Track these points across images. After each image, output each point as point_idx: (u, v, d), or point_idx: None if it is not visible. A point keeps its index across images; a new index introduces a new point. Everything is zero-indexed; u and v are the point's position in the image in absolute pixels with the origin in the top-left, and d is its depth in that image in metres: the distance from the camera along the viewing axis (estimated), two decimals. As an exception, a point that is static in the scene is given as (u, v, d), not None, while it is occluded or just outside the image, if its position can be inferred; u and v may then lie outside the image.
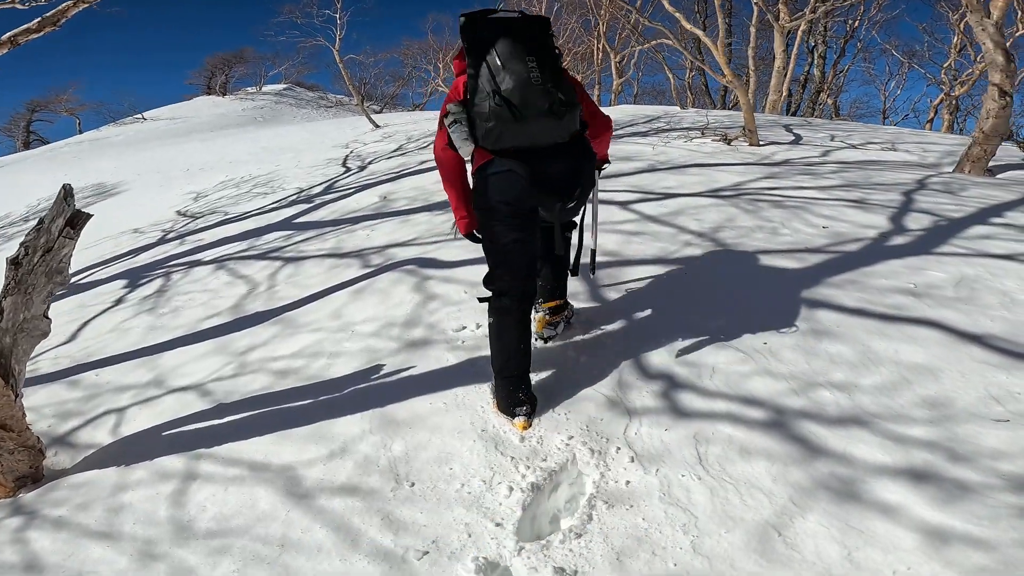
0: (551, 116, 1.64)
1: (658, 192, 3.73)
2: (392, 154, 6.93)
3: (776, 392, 1.82)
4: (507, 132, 1.64)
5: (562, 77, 1.70)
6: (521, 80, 1.60)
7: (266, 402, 2.19)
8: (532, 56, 1.64)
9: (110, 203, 8.98)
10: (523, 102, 1.61)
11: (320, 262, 3.45)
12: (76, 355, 3.02)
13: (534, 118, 1.63)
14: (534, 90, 1.61)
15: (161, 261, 4.45)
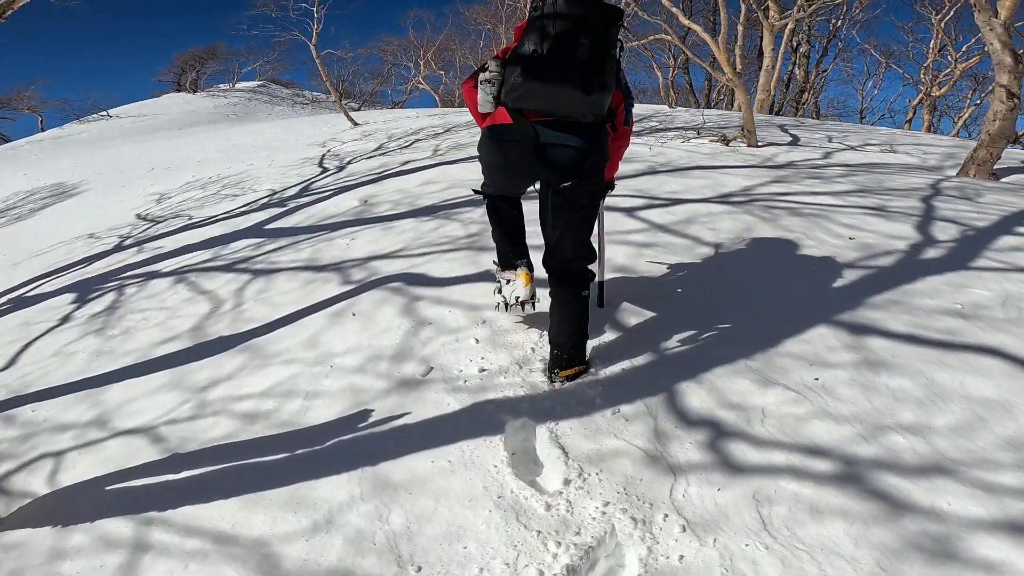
0: (580, 89, 1.58)
1: (663, 197, 3.45)
2: (372, 154, 6.53)
3: (842, 438, 1.56)
4: (532, 92, 1.62)
5: (610, 61, 1.63)
6: (565, 50, 1.57)
7: (231, 454, 1.84)
8: (589, 35, 1.58)
9: (68, 205, 8.39)
10: (558, 66, 1.58)
11: (294, 276, 3.09)
12: (13, 384, 2.64)
13: (563, 84, 1.59)
14: (575, 61, 1.57)
15: (115, 271, 4.01)
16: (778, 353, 1.92)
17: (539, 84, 1.60)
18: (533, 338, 2.15)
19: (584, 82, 1.58)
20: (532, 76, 1.60)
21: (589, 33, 1.59)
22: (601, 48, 1.61)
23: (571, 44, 1.57)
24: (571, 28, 1.58)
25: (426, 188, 4.20)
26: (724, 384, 1.80)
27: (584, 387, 1.87)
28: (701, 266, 2.56)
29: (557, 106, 1.65)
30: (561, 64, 1.58)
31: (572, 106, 1.63)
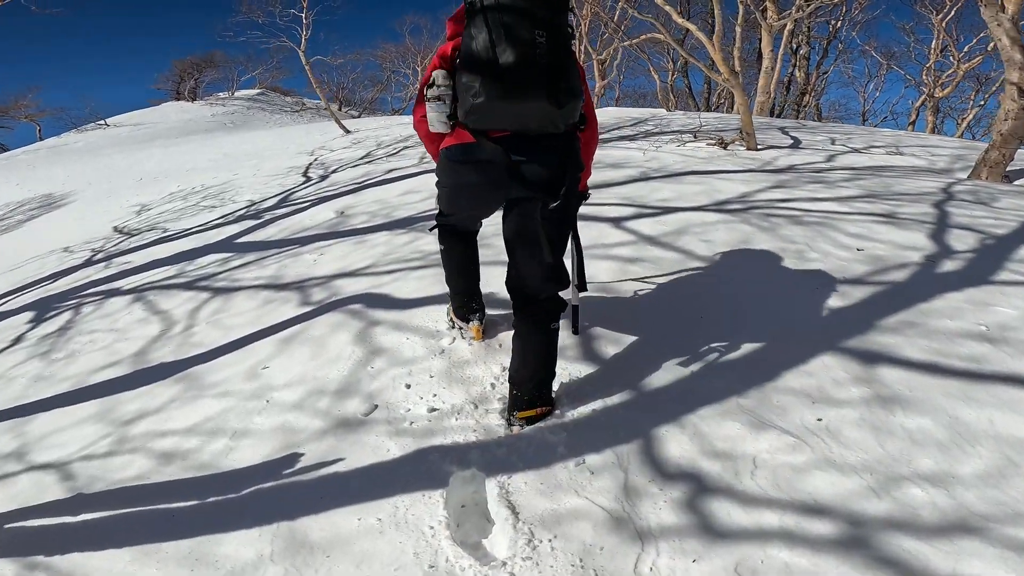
0: (550, 100, 1.38)
1: (654, 205, 3.20)
2: (358, 162, 6.32)
3: (848, 493, 1.31)
4: (496, 111, 1.41)
5: (572, 59, 1.44)
6: (524, 54, 1.35)
7: (137, 497, 1.63)
8: (542, 30, 1.37)
9: (53, 216, 8.24)
10: (522, 79, 1.36)
11: (254, 295, 2.85)
12: None
13: (531, 100, 1.38)
14: (537, 68, 1.36)
15: (78, 288, 3.80)
16: (776, 389, 1.67)
17: (502, 102, 1.39)
18: (495, 371, 1.90)
19: (552, 92, 1.38)
20: (493, 94, 1.38)
21: (543, 27, 1.37)
22: (561, 44, 1.40)
23: (527, 45, 1.35)
24: (521, 23, 1.36)
25: (405, 199, 3.98)
26: (710, 428, 1.55)
27: (546, 432, 1.61)
28: (691, 284, 2.31)
29: (525, 123, 1.44)
30: (522, 74, 1.36)
31: (542, 120, 1.43)
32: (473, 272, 1.97)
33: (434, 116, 1.50)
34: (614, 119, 7.29)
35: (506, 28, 1.35)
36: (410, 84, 23.22)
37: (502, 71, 1.35)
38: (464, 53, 1.41)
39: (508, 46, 1.35)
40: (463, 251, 1.93)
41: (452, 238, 1.91)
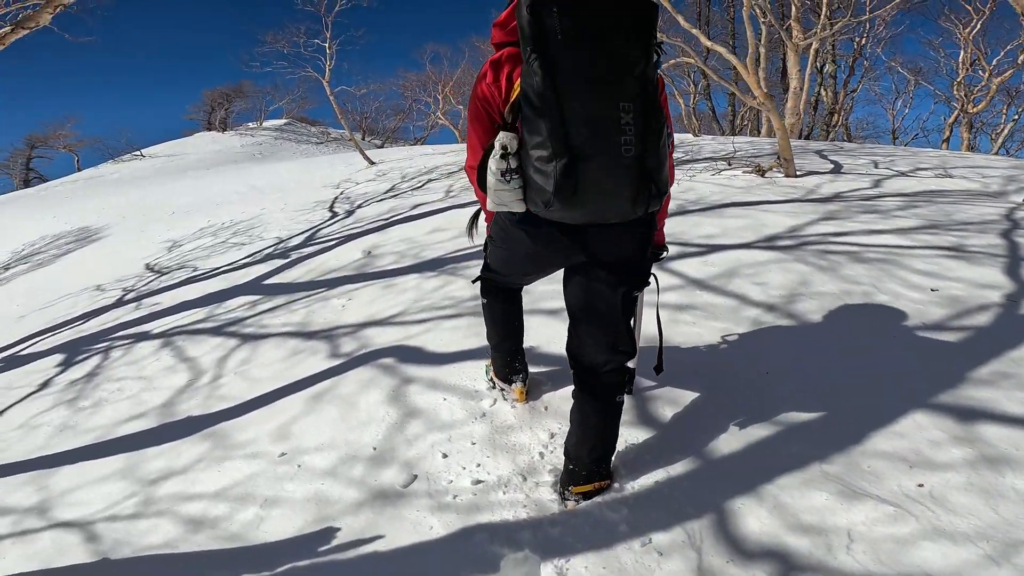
0: (634, 204, 1.16)
1: (698, 243, 3.02)
2: (384, 196, 6.29)
3: (962, 563, 1.16)
4: (567, 210, 1.15)
5: (662, 134, 1.15)
6: (608, 148, 1.10)
7: (163, 567, 1.53)
8: (627, 98, 1.09)
9: (87, 251, 8.42)
10: (602, 185, 1.13)
11: (281, 343, 2.75)
12: None
13: (609, 199, 1.15)
14: (620, 167, 1.11)
15: (108, 331, 3.78)
16: (864, 453, 1.49)
17: (573, 204, 1.13)
18: (542, 438, 1.74)
19: (638, 199, 1.15)
20: (565, 199, 1.11)
21: (630, 98, 1.09)
22: (652, 120, 1.12)
23: (611, 131, 1.09)
24: (603, 95, 1.09)
25: (434, 237, 3.87)
26: (793, 499, 1.38)
27: (605, 508, 1.45)
28: (750, 334, 2.12)
29: (601, 218, 1.21)
30: (605, 175, 1.11)
31: (618, 216, 1.20)
32: (517, 330, 1.82)
33: (508, 196, 1.21)
34: (642, 145, 7.14)
35: (580, 99, 1.08)
36: (430, 112, 23.52)
37: (579, 175, 1.10)
38: (527, 121, 1.13)
39: (585, 129, 1.08)
40: (507, 308, 1.78)
41: (496, 293, 1.76)
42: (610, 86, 1.09)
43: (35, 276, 7.76)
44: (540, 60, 1.07)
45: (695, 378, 1.87)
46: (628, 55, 1.10)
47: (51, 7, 3.64)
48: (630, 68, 1.10)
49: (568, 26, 1.06)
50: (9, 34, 3.60)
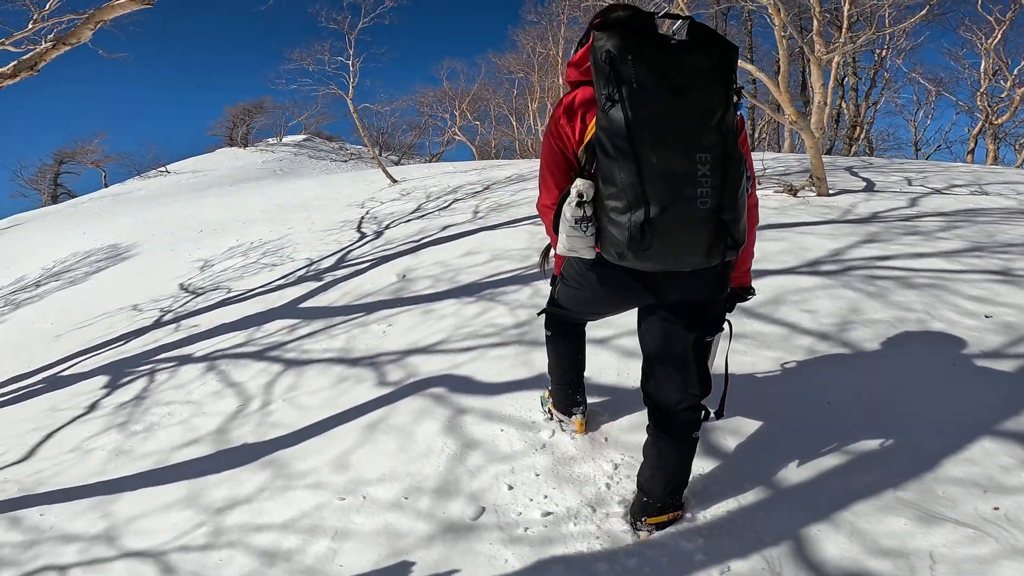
0: (707, 256, 1.13)
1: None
2: (410, 216, 6.36)
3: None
4: (639, 261, 1.15)
5: (739, 185, 1.13)
6: (683, 200, 1.08)
7: None
8: (706, 151, 1.06)
9: (119, 269, 8.59)
10: (676, 241, 1.11)
11: (326, 370, 2.78)
12: (25, 481, 2.48)
13: (682, 251, 1.13)
14: (695, 219, 1.09)
15: (150, 352, 3.85)
16: (936, 479, 1.50)
17: (647, 256, 1.12)
18: (607, 469, 1.74)
19: (711, 251, 1.13)
20: (639, 249, 1.11)
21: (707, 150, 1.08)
22: (730, 171, 1.10)
23: (688, 184, 1.07)
24: (680, 146, 1.07)
25: (467, 260, 3.91)
26: (870, 524, 1.39)
27: (679, 538, 1.45)
28: (807, 364, 2.10)
29: (675, 266, 1.18)
30: (680, 226, 1.09)
31: (693, 265, 1.17)
32: (580, 364, 1.82)
33: (580, 243, 1.20)
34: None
35: (659, 151, 1.06)
36: (448, 128, 23.77)
37: (654, 225, 1.08)
38: (603, 168, 1.12)
39: (660, 180, 1.07)
40: (571, 341, 1.77)
41: (561, 328, 1.75)
42: (687, 136, 1.07)
43: (67, 294, 7.93)
44: (615, 107, 1.06)
45: (757, 408, 1.86)
46: (707, 102, 1.08)
47: (92, 23, 3.70)
48: (708, 117, 1.08)
49: (644, 74, 1.04)
50: (50, 51, 3.67)
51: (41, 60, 3.62)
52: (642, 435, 1.51)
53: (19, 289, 9.81)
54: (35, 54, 3.58)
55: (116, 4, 3.64)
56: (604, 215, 1.15)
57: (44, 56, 3.62)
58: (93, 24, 3.69)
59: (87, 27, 3.69)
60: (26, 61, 3.56)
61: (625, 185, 1.08)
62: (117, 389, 3.35)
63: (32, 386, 3.86)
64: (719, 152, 1.09)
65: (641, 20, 1.10)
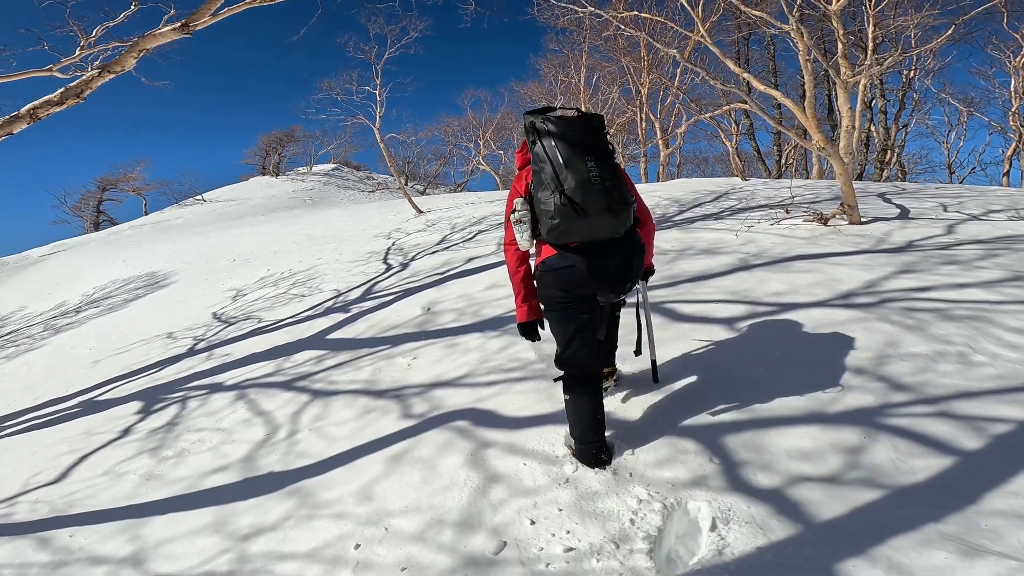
0: (610, 214, 1.72)
1: (768, 302, 2.95)
2: (436, 248, 6.45)
3: None
4: (571, 228, 1.74)
5: (618, 174, 1.79)
6: (582, 179, 1.71)
7: None
8: (591, 156, 1.73)
9: (155, 297, 8.89)
10: (585, 201, 1.71)
11: (352, 401, 2.81)
12: (57, 502, 2.56)
13: (595, 215, 1.72)
14: (594, 189, 1.71)
15: (183, 380, 3.95)
16: (980, 512, 1.46)
17: (573, 221, 1.72)
18: (631, 505, 1.70)
19: (610, 206, 1.72)
20: (564, 215, 1.71)
21: (592, 155, 1.74)
22: (610, 166, 1.76)
23: (584, 171, 1.71)
24: (574, 153, 1.73)
25: (491, 294, 3.93)
26: (910, 559, 1.36)
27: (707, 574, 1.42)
28: (844, 401, 2.02)
29: (596, 234, 1.76)
30: (586, 196, 1.70)
31: (606, 230, 1.76)
32: (602, 422, 1.91)
33: (519, 237, 1.84)
34: (691, 194, 7.11)
35: (564, 158, 1.72)
36: (471, 157, 24.16)
37: (569, 197, 1.70)
38: (535, 182, 1.78)
39: (568, 174, 1.71)
40: (590, 400, 1.89)
41: (578, 386, 1.91)
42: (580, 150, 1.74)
43: (106, 320, 8.24)
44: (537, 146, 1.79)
45: (791, 445, 1.80)
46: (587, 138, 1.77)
47: (135, 51, 3.83)
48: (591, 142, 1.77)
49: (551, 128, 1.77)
50: (96, 78, 3.82)
51: (87, 88, 3.77)
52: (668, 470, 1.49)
53: (60, 315, 10.24)
54: (81, 82, 3.74)
55: (158, 33, 3.79)
56: (539, 209, 1.77)
57: (90, 84, 3.77)
58: (136, 52, 3.82)
59: (131, 55, 3.83)
60: (73, 88, 3.73)
61: (549, 183, 1.73)
62: (150, 415, 3.44)
63: (69, 410, 3.99)
64: (600, 154, 1.76)
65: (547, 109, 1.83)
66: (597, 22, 11.31)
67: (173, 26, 3.91)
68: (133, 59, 3.95)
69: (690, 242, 4.31)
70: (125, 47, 4.02)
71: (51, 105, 3.79)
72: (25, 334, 9.56)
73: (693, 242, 4.30)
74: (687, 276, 3.51)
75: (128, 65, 3.98)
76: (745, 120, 15.06)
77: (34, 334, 9.30)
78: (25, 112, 3.70)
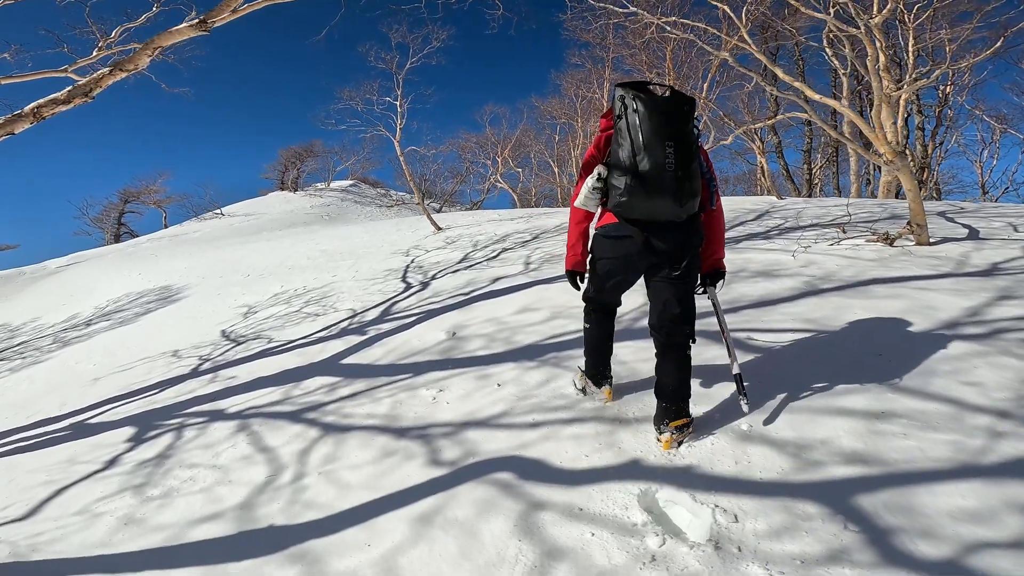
0: (675, 201, 1.81)
1: (856, 331, 2.53)
2: (457, 266, 6.08)
3: None
4: (635, 206, 1.86)
5: (692, 165, 1.84)
6: (657, 164, 1.79)
7: None
8: (672, 142, 1.78)
9: (167, 312, 8.65)
10: (654, 186, 1.81)
11: (369, 440, 2.42)
12: (21, 543, 2.25)
13: (660, 199, 1.82)
14: (666, 177, 1.79)
15: (182, 404, 3.60)
16: None
17: (640, 200, 1.83)
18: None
19: (677, 194, 1.81)
20: (634, 194, 1.83)
21: (673, 141, 1.79)
22: (687, 155, 1.81)
23: (660, 157, 1.78)
24: (655, 137, 1.78)
25: (524, 318, 3.54)
26: None
27: None
28: (988, 450, 1.60)
29: (656, 215, 1.86)
30: (657, 181, 1.79)
31: (668, 214, 1.85)
32: (610, 347, 2.30)
33: (589, 202, 1.99)
34: (729, 212, 6.66)
35: (645, 141, 1.79)
36: (488, 175, 23.91)
37: (639, 177, 1.81)
38: (613, 156, 1.89)
39: (645, 155, 1.79)
40: (605, 329, 2.26)
41: (598, 315, 2.25)
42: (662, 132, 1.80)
43: (115, 334, 7.98)
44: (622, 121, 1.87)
45: (940, 497, 1.38)
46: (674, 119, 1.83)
47: (149, 50, 3.59)
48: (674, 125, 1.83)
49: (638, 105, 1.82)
50: (107, 76, 3.57)
51: (96, 87, 3.51)
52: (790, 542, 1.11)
53: (70, 327, 10.03)
54: (90, 80, 3.49)
55: (175, 30, 3.54)
56: (612, 180, 1.89)
57: (100, 82, 3.51)
58: (151, 51, 3.56)
59: (145, 53, 3.56)
60: (80, 87, 3.47)
61: (627, 160, 1.82)
62: (141, 444, 3.10)
63: (57, 432, 3.68)
64: (680, 141, 1.81)
65: (640, 83, 1.89)
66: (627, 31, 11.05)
67: (191, 23, 3.67)
68: (147, 57, 3.69)
69: (741, 263, 3.90)
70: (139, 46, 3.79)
71: (57, 104, 3.52)
72: (34, 346, 9.35)
73: (744, 263, 3.89)
74: (748, 301, 3.10)
75: (142, 64, 3.72)
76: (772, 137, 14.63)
77: (42, 346, 9.08)
78: (28, 111, 3.44)
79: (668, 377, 1.96)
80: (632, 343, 2.73)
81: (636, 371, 2.46)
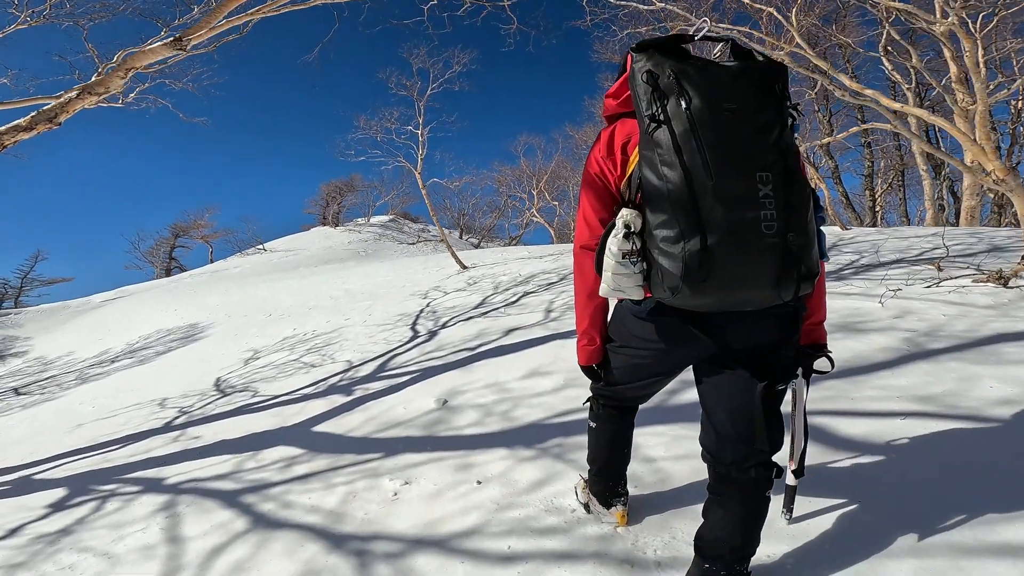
0: (776, 288, 0.97)
1: (993, 416, 1.72)
2: (472, 312, 5.45)
3: None
4: (696, 297, 0.98)
5: (807, 214, 0.99)
6: (744, 224, 0.94)
7: None
8: (767, 170, 0.94)
9: (182, 353, 8.41)
10: (738, 272, 0.95)
11: (296, 548, 1.77)
12: None
13: (749, 284, 0.97)
14: (760, 243, 0.94)
15: (129, 467, 3.11)
16: None
17: (713, 287, 0.96)
18: None
19: (781, 281, 0.96)
20: (696, 288, 0.96)
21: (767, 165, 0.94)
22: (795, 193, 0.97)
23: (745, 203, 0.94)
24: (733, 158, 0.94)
25: (531, 385, 2.86)
26: None
27: None
28: None
29: (742, 305, 1.01)
30: (741, 252, 0.94)
31: (759, 303, 1.00)
32: (627, 454, 1.57)
33: (628, 281, 1.07)
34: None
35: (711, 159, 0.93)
36: (526, 209, 23.46)
37: (710, 250, 0.94)
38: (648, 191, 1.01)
39: (715, 202, 0.94)
40: (620, 430, 1.52)
41: (609, 415, 1.49)
42: (743, 154, 0.95)
43: (129, 374, 7.75)
44: (660, 128, 0.97)
45: None
46: (759, 119, 0.97)
47: (122, 71, 3.31)
48: (764, 133, 0.96)
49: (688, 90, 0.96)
50: (75, 100, 3.28)
51: (63, 112, 3.21)
52: None
53: (97, 363, 9.96)
54: (56, 105, 3.19)
55: (148, 50, 3.26)
56: (654, 248, 1.02)
57: (67, 107, 3.21)
58: (124, 72, 3.29)
59: (117, 75, 3.29)
60: (44, 113, 3.17)
61: (677, 211, 0.97)
62: (59, 512, 2.61)
63: (1, 486, 3.22)
64: (780, 170, 0.97)
65: (677, 40, 1.05)
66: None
67: (165, 41, 3.33)
68: (120, 79, 3.37)
69: (809, 311, 3.10)
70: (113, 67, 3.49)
71: (18, 131, 3.21)
72: (57, 381, 9.29)
73: (814, 311, 3.09)
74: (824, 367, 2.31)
75: (115, 87, 3.40)
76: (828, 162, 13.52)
77: (64, 382, 8.99)
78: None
79: (723, 528, 1.19)
80: (665, 429, 1.99)
81: (668, 476, 1.72)
